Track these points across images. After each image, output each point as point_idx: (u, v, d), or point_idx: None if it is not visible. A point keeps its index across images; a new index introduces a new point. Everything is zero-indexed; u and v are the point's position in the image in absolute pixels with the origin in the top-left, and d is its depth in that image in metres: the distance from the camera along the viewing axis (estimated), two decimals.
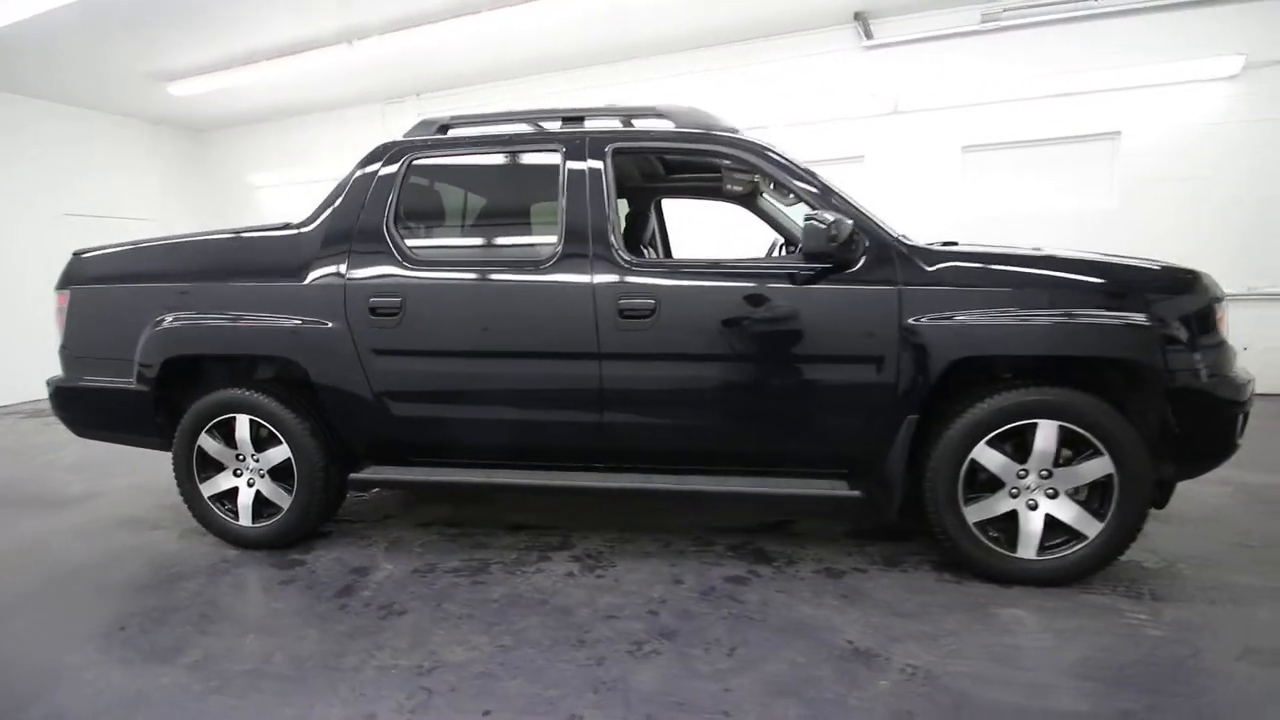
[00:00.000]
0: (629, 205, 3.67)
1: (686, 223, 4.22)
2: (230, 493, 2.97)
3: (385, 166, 2.81)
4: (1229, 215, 5.12)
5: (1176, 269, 2.36)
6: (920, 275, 2.35)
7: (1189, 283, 2.32)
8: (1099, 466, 2.30)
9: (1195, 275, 2.34)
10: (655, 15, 5.83)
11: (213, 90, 6.80)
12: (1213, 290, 2.35)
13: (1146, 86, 5.28)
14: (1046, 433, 2.30)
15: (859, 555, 2.73)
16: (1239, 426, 2.31)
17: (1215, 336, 2.30)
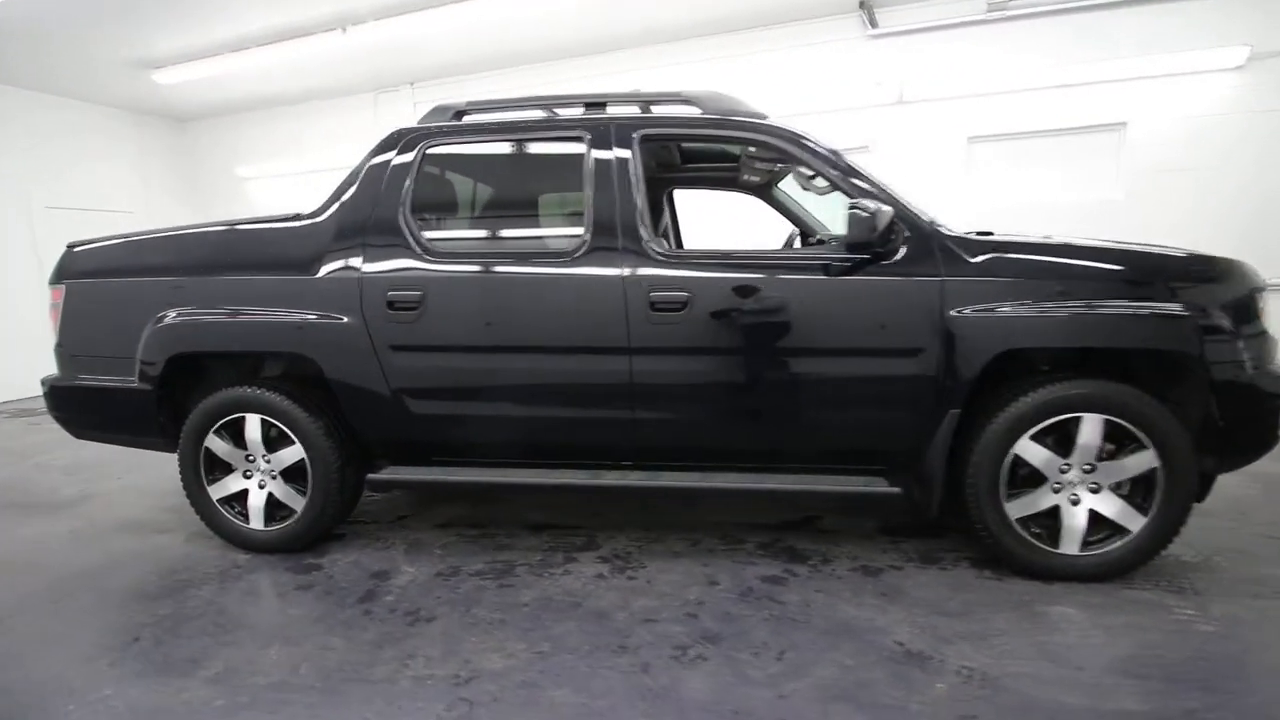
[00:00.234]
0: None
1: (690, 214, 4.14)
2: (240, 495, 2.85)
3: (400, 155, 2.70)
4: (1234, 206, 5.14)
5: (1219, 259, 2.32)
6: (963, 266, 2.30)
7: (1232, 273, 2.29)
8: (1144, 460, 2.26)
9: (1238, 265, 2.31)
10: (656, 3, 5.73)
11: (199, 78, 6.58)
12: (1254, 280, 2.32)
13: (1152, 77, 5.26)
14: (1091, 427, 2.26)
15: (894, 552, 2.68)
16: None
17: (1258, 327, 2.27)
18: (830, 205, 3.75)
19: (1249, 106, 5.05)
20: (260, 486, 2.83)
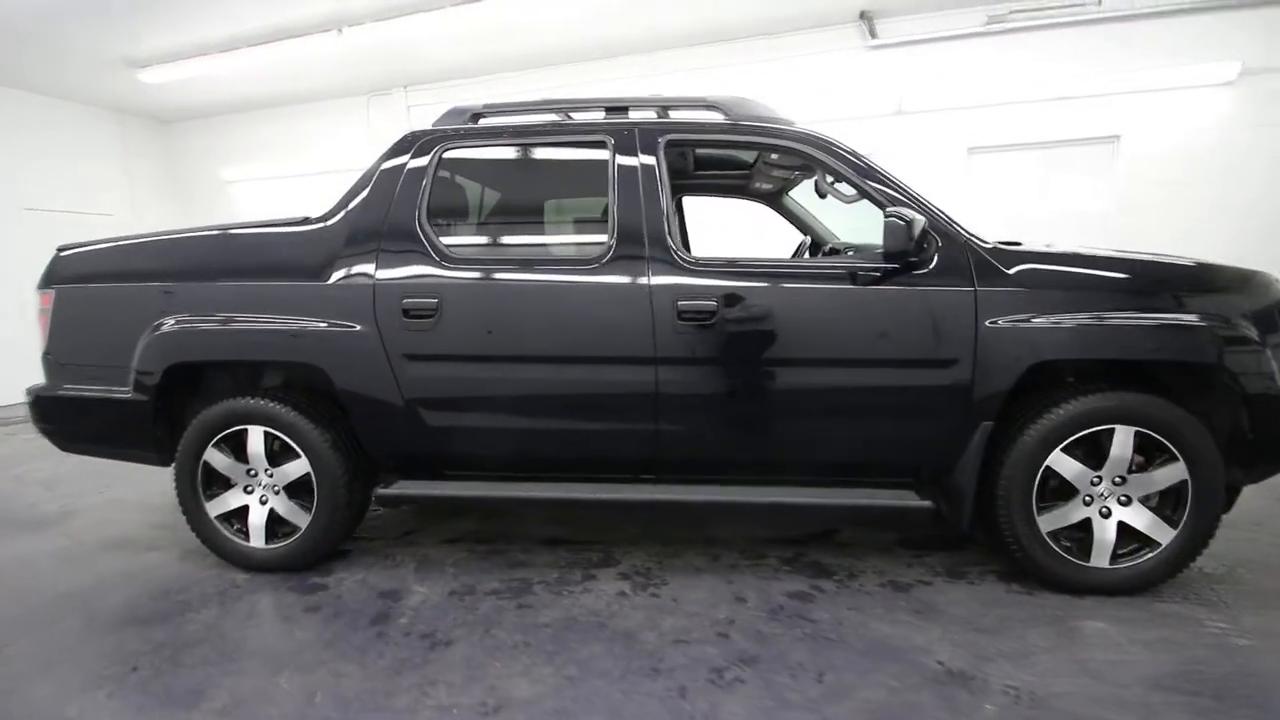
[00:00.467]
0: None
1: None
2: (240, 511, 2.72)
3: (415, 158, 2.61)
4: (1226, 219, 5.23)
5: (1251, 271, 2.32)
6: (997, 277, 2.27)
7: (1263, 285, 2.29)
8: (1174, 473, 2.25)
9: (1267, 277, 2.32)
10: (656, 10, 5.70)
11: (187, 78, 6.40)
12: (1278, 291, 2.33)
13: (1145, 91, 5.36)
14: (1123, 438, 2.24)
15: (919, 567, 2.64)
16: None
17: None
18: (843, 215, 3.74)
19: (1241, 121, 5.16)
20: (262, 502, 2.70)
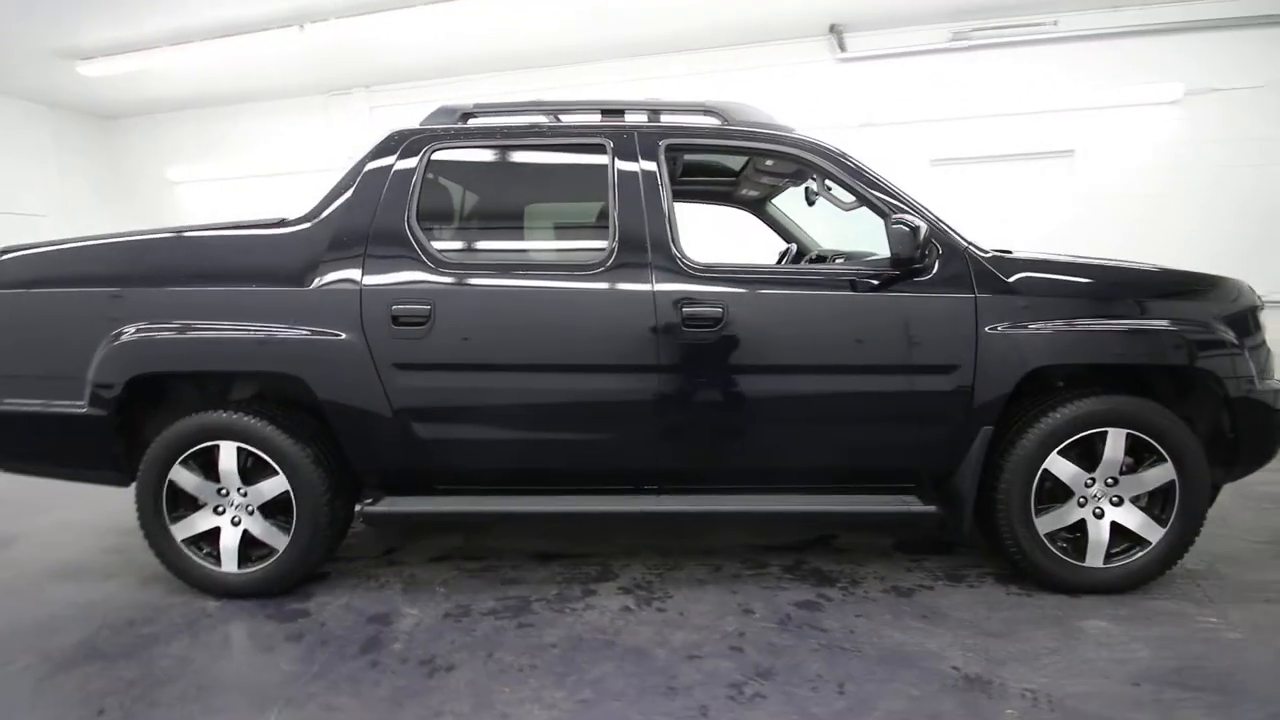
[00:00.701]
0: None
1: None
2: (210, 534, 2.52)
3: (402, 159, 2.49)
4: (1172, 229, 5.52)
5: (1229, 279, 2.43)
6: (997, 284, 2.31)
7: (1241, 292, 2.40)
8: (1163, 473, 2.32)
9: (1243, 285, 2.43)
10: (627, 19, 5.69)
11: (131, 71, 6.03)
12: (1255, 298, 2.44)
13: (1098, 108, 5.64)
14: (1116, 441, 2.30)
15: (919, 571, 2.65)
16: None
17: (1262, 342, 2.39)
18: (823, 223, 3.78)
19: (1185, 138, 5.48)
20: (234, 523, 2.51)
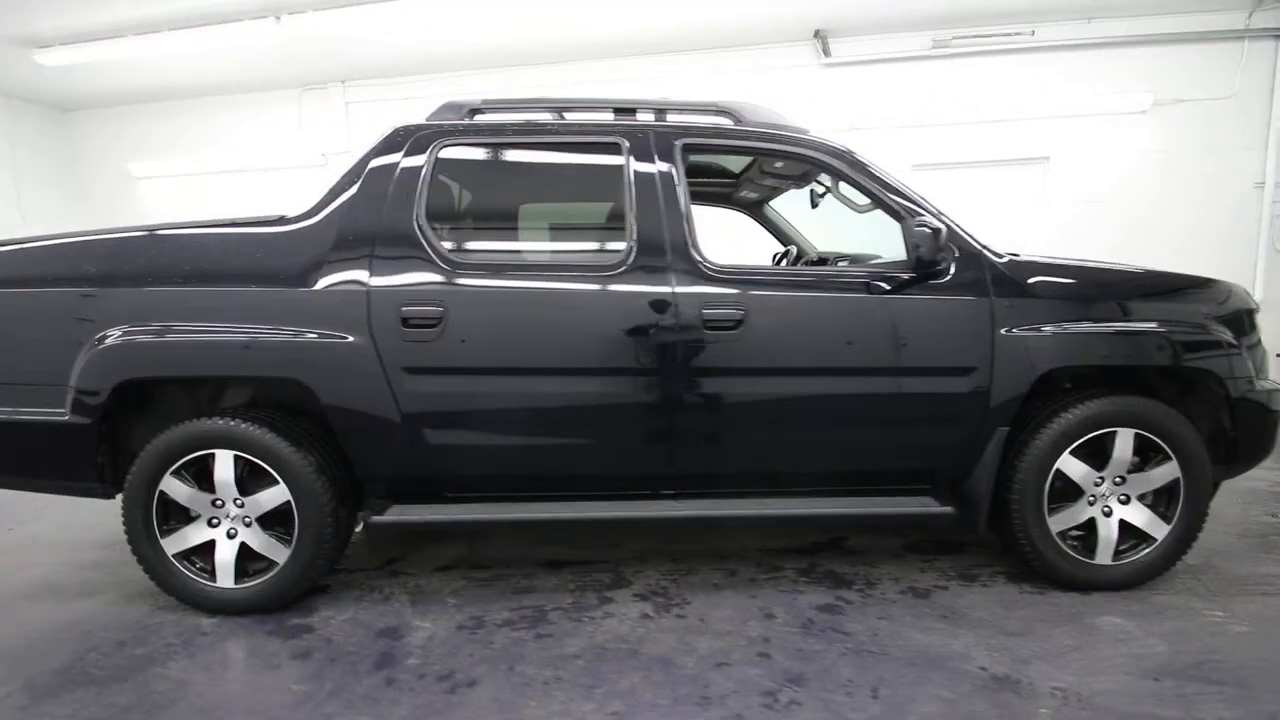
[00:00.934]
0: None
1: None
2: (203, 547, 2.40)
3: (409, 156, 2.40)
4: (1142, 234, 5.72)
5: (1231, 285, 2.51)
6: (1012, 287, 2.34)
7: (1241, 296, 2.48)
8: (1168, 471, 2.38)
9: (1238, 287, 2.51)
10: (612, 18, 5.65)
11: (93, 61, 5.72)
12: (1250, 300, 2.53)
13: (1072, 116, 5.81)
14: (1125, 440, 2.35)
15: (932, 571, 2.67)
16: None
17: (1258, 342, 2.47)
18: (820, 227, 3.80)
19: (1153, 146, 5.68)
20: (230, 536, 2.39)
